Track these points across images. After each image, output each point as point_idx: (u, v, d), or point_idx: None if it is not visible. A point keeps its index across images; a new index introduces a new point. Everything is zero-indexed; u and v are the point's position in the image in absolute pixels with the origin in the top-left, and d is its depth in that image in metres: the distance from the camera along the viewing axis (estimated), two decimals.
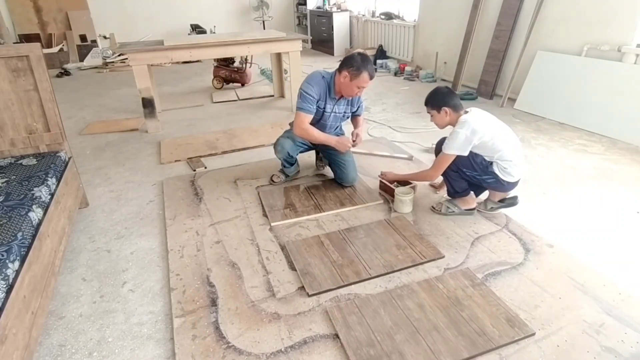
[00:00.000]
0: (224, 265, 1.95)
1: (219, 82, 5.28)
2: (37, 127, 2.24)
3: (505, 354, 1.46)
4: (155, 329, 1.62)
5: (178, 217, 2.37)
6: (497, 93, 4.58)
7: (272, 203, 2.46)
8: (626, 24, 3.33)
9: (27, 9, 6.99)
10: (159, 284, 1.87)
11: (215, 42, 3.90)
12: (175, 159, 3.16)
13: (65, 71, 6.44)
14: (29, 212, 1.66)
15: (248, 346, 1.51)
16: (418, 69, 5.78)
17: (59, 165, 2.17)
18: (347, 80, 2.31)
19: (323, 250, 2.02)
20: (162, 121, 3.99)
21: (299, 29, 8.94)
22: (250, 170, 2.95)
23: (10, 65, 2.09)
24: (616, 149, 3.15)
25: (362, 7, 7.45)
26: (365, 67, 2.27)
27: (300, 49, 4.19)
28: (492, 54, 4.56)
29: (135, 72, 3.59)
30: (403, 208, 2.35)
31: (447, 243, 2.07)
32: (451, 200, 2.34)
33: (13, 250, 1.43)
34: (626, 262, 1.92)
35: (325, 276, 1.84)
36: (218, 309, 1.69)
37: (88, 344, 1.56)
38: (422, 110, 4.24)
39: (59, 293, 1.82)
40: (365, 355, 1.44)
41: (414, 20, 6.02)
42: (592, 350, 1.47)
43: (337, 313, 1.63)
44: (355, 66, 2.26)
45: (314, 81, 2.41)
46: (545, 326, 1.57)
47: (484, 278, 1.82)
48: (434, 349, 1.46)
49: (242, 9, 8.38)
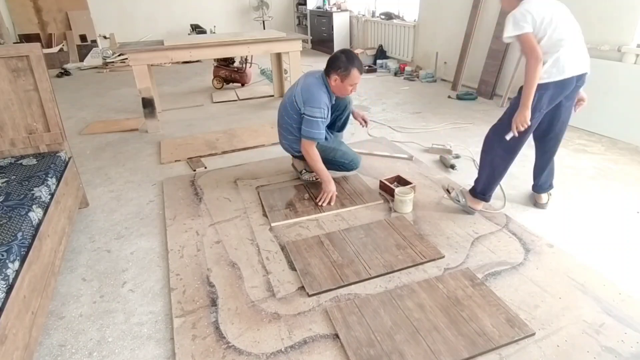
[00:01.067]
0: (224, 265, 1.95)
1: (219, 82, 5.28)
2: (37, 127, 2.24)
3: (505, 354, 1.46)
4: (155, 329, 1.62)
5: (178, 217, 2.37)
6: (497, 93, 4.58)
7: (272, 203, 2.45)
8: (626, 24, 3.33)
9: (27, 9, 6.99)
10: (159, 284, 1.87)
11: (215, 42, 3.90)
12: (175, 159, 3.16)
13: (65, 71, 6.44)
14: (29, 212, 1.66)
15: (248, 346, 1.51)
16: (418, 69, 5.79)
17: (59, 165, 2.17)
18: (339, 82, 2.30)
19: (323, 250, 2.02)
20: (162, 121, 3.99)
21: (299, 29, 8.94)
22: (250, 170, 2.95)
23: (10, 65, 2.09)
24: (616, 149, 3.15)
25: (362, 7, 7.45)
26: (353, 64, 2.26)
27: (300, 49, 4.20)
28: (492, 54, 4.56)
29: (135, 72, 3.59)
30: (403, 208, 2.34)
31: (447, 243, 2.07)
32: (464, 191, 2.33)
33: (13, 250, 1.43)
34: (626, 262, 1.92)
35: (325, 276, 1.84)
36: (218, 309, 1.69)
37: (88, 344, 1.56)
38: (422, 110, 4.25)
39: (59, 293, 1.82)
40: (365, 355, 1.44)
41: (414, 20, 6.02)
42: (592, 350, 1.47)
43: (337, 313, 1.63)
44: (343, 67, 2.25)
45: (322, 103, 2.33)
46: (545, 326, 1.57)
47: (484, 278, 1.82)
48: (434, 349, 1.46)
49: (242, 9, 8.38)
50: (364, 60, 6.54)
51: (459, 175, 2.82)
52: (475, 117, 4.00)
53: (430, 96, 4.79)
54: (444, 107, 4.34)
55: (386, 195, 2.53)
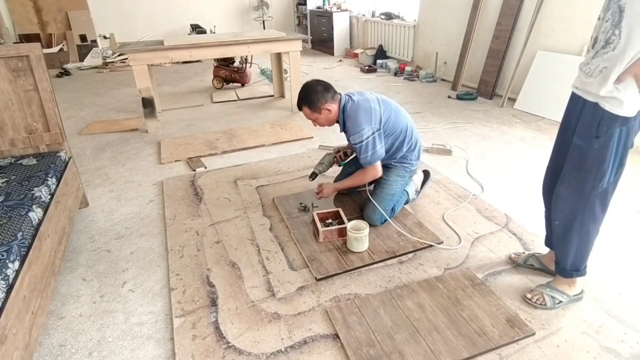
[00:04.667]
0: (224, 265, 1.95)
1: (219, 82, 5.28)
2: (37, 127, 2.24)
3: (505, 354, 1.46)
4: (155, 329, 1.62)
5: (178, 217, 2.37)
6: (497, 93, 4.58)
7: (289, 210, 2.38)
8: None
9: (27, 9, 6.99)
10: (159, 284, 1.87)
11: (215, 42, 3.90)
12: (175, 159, 3.16)
13: (65, 71, 6.43)
14: (29, 212, 1.66)
15: (248, 346, 1.51)
16: (418, 69, 5.78)
17: (59, 165, 2.17)
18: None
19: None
20: (162, 121, 3.99)
21: (299, 29, 8.93)
22: (250, 170, 2.95)
23: (10, 65, 2.09)
24: None
25: (362, 7, 7.45)
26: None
27: (300, 49, 4.20)
28: (492, 54, 4.56)
29: (135, 72, 3.59)
30: (359, 246, 1.99)
31: (448, 243, 2.07)
32: (553, 284, 1.68)
33: (13, 250, 1.43)
34: (626, 262, 1.92)
35: (331, 262, 1.93)
36: (218, 309, 1.69)
37: (88, 344, 1.56)
38: (422, 110, 4.25)
39: (59, 293, 1.82)
40: (365, 355, 1.44)
41: (414, 20, 6.02)
42: (592, 350, 1.47)
43: (337, 313, 1.63)
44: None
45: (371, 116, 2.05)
46: (545, 326, 1.57)
47: (484, 278, 1.82)
48: (434, 349, 1.46)
49: (242, 9, 8.38)
50: (364, 60, 6.56)
51: None
52: (475, 117, 4.00)
53: (430, 96, 4.79)
54: (444, 107, 4.34)
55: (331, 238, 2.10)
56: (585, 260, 1.63)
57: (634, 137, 1.38)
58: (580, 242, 1.56)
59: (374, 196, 2.20)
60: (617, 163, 1.40)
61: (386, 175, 2.20)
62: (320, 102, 2.04)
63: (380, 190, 2.19)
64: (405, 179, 2.22)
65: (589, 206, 1.48)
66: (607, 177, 1.42)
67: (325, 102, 2.04)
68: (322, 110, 2.05)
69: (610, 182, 1.44)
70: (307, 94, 2.05)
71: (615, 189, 1.49)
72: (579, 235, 1.55)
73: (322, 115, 2.07)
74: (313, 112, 2.07)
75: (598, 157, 1.39)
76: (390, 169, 2.21)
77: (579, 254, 1.59)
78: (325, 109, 2.05)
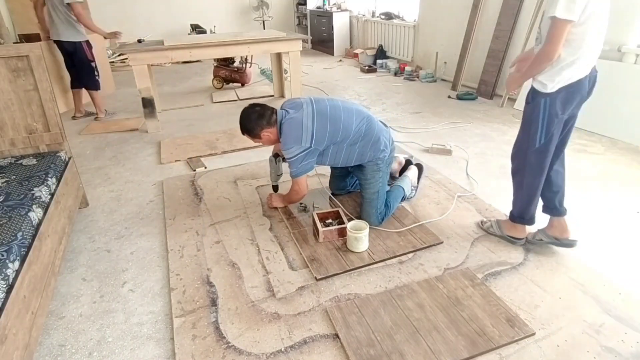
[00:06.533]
0: (224, 265, 1.95)
1: (219, 82, 5.28)
2: (37, 127, 2.24)
3: (505, 354, 1.46)
4: (155, 329, 1.62)
5: (178, 217, 2.37)
6: (497, 93, 4.58)
7: (289, 210, 2.39)
8: (626, 24, 3.33)
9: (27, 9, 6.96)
10: (159, 284, 1.87)
11: (215, 42, 3.90)
12: (175, 159, 3.16)
13: None
14: (29, 212, 1.66)
15: (248, 346, 1.51)
16: (418, 68, 5.78)
17: (59, 165, 2.17)
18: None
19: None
20: (162, 121, 3.99)
21: (299, 29, 8.93)
22: (250, 170, 2.95)
23: (10, 65, 2.09)
24: (616, 149, 3.15)
25: (362, 7, 7.45)
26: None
27: (300, 49, 4.20)
28: (492, 54, 4.56)
29: (135, 72, 3.59)
30: (359, 246, 2.00)
31: (447, 243, 2.07)
32: (500, 221, 2.12)
33: (13, 250, 1.43)
34: (626, 262, 1.92)
35: (331, 262, 1.93)
36: (218, 309, 1.69)
37: (88, 344, 1.56)
38: (422, 110, 4.25)
39: (59, 293, 1.82)
40: (365, 355, 1.44)
41: (414, 20, 6.02)
42: (592, 350, 1.47)
43: (337, 313, 1.63)
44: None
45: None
46: (545, 326, 1.57)
47: (484, 278, 1.82)
48: (434, 348, 1.46)
49: (242, 9, 8.38)
50: (364, 60, 6.56)
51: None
52: (475, 117, 4.00)
53: (430, 96, 4.79)
54: (444, 107, 4.34)
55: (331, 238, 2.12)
56: (529, 211, 1.97)
57: (560, 109, 1.71)
58: (523, 193, 1.95)
59: (362, 200, 2.22)
60: (545, 127, 1.75)
61: (363, 175, 2.19)
62: (257, 130, 2.09)
63: (364, 192, 2.20)
64: (382, 171, 2.17)
65: (527, 162, 1.85)
66: (538, 137, 1.78)
67: (261, 129, 2.09)
68: (262, 136, 2.11)
69: (542, 144, 1.79)
70: (244, 123, 2.12)
71: (552, 156, 1.83)
72: (521, 188, 1.95)
73: (263, 139, 2.13)
74: (253, 138, 2.15)
75: (529, 118, 1.81)
76: (364, 167, 2.19)
77: (523, 204, 1.97)
78: (264, 134, 2.10)
